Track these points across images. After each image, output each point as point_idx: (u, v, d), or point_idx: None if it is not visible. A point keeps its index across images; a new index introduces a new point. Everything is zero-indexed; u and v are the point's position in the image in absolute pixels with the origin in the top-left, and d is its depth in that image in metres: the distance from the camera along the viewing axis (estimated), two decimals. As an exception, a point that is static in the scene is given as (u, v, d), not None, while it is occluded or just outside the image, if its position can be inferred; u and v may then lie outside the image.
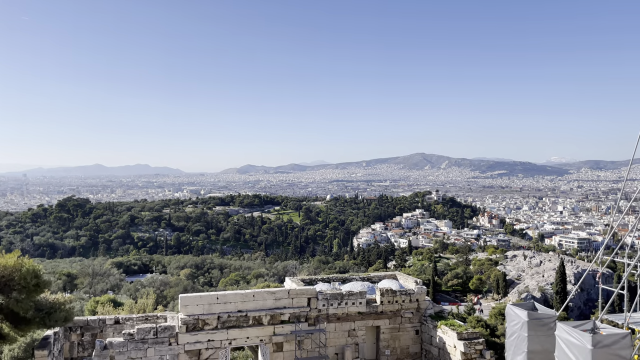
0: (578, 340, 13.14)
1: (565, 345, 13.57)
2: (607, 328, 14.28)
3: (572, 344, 13.31)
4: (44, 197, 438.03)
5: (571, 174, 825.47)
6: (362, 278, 36.64)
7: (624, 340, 13.28)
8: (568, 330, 13.61)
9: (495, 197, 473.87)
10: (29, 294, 22.31)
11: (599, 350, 12.89)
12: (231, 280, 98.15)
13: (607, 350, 12.65)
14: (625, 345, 13.28)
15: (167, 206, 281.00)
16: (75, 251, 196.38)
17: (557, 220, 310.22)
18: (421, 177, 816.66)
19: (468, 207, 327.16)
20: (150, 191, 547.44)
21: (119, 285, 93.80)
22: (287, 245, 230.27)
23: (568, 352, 13.42)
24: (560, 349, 13.81)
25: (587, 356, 12.90)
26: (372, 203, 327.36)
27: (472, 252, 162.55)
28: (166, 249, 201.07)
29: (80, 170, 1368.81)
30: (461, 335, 28.71)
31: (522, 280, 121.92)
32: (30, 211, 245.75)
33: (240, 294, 29.34)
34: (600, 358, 12.91)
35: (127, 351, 26.21)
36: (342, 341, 30.93)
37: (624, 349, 13.23)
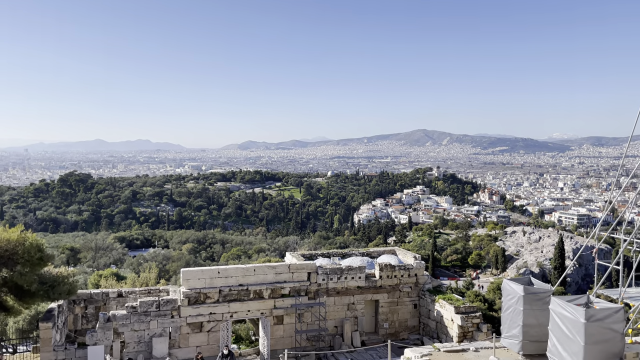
0: (572, 314, 13.38)
1: (559, 319, 13.82)
2: (600, 302, 14.52)
3: (565, 318, 13.56)
4: (45, 172, 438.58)
5: (573, 150, 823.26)
6: (361, 253, 37.01)
7: (617, 315, 13.52)
8: (562, 305, 13.85)
9: (496, 174, 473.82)
10: (33, 268, 22.63)
11: (592, 324, 13.13)
12: (233, 255, 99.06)
13: (600, 324, 12.90)
14: (618, 319, 13.53)
15: (168, 182, 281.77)
16: (77, 226, 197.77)
17: (558, 196, 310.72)
18: (422, 154, 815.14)
19: (469, 184, 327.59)
20: (152, 167, 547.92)
21: (121, 260, 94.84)
22: (288, 221, 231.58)
23: (562, 325, 13.67)
24: (554, 322, 14.07)
25: (580, 330, 13.16)
26: (373, 179, 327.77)
27: (471, 228, 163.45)
28: (168, 224, 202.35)
29: (81, 145, 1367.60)
30: (459, 309, 29.15)
31: (520, 256, 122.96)
32: (33, 186, 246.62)
33: (241, 268, 29.70)
34: (593, 332, 13.17)
35: (130, 323, 26.68)
36: (341, 314, 31.43)
37: (616, 323, 13.49)
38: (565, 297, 14.76)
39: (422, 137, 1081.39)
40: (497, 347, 18.29)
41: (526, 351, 17.32)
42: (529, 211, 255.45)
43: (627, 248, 17.70)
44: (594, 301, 14.47)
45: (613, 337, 13.36)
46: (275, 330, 29.63)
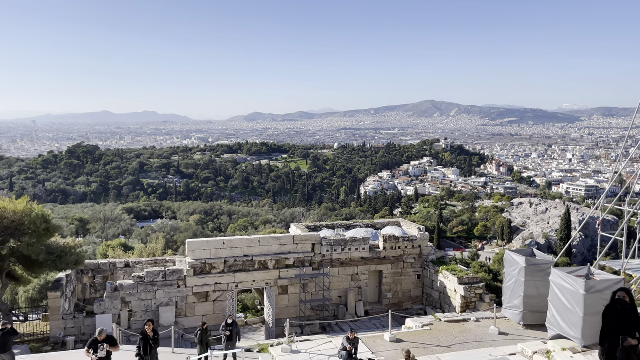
0: (571, 285, 13.40)
1: (559, 291, 13.85)
2: (601, 274, 14.51)
3: (565, 289, 13.59)
4: (53, 143, 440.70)
5: (582, 121, 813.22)
6: (366, 225, 37.16)
7: (617, 286, 13.50)
8: (562, 276, 13.86)
9: (505, 145, 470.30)
10: (40, 238, 22.97)
11: (592, 295, 13.16)
12: (240, 226, 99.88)
13: (599, 295, 12.91)
14: (618, 290, 13.55)
15: (175, 153, 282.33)
16: (86, 197, 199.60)
17: (566, 168, 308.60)
18: (430, 125, 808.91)
19: (476, 155, 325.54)
20: (159, 138, 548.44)
21: (130, 231, 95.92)
22: (295, 193, 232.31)
23: (561, 297, 13.72)
24: (554, 294, 14.12)
25: (580, 301, 13.21)
26: (380, 151, 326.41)
27: (478, 200, 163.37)
28: (176, 196, 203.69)
29: (88, 117, 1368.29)
30: (462, 280, 29.34)
31: (527, 227, 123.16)
32: (41, 157, 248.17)
33: (246, 239, 29.94)
34: (593, 303, 13.20)
35: (137, 293, 27.14)
36: (345, 285, 31.77)
37: (616, 294, 13.51)
38: (566, 268, 14.76)
39: (430, 108, 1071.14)
40: (498, 318, 18.46)
41: (527, 322, 17.48)
42: (537, 183, 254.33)
43: (632, 220, 17.59)
44: (595, 273, 14.47)
45: (612, 309, 13.39)
46: (280, 300, 30.04)
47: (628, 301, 10.04)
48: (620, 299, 10.06)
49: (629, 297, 10.04)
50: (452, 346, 15.90)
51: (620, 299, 10.08)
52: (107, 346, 13.27)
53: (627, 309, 9.93)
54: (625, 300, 10.03)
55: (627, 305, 10.00)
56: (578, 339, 13.56)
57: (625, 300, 10.03)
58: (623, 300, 10.04)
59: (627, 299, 10.05)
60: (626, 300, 10.05)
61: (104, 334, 13.38)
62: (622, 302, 10.01)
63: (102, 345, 13.23)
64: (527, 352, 14.05)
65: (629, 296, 10.06)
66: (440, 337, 16.74)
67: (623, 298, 10.07)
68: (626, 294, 10.11)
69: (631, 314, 9.90)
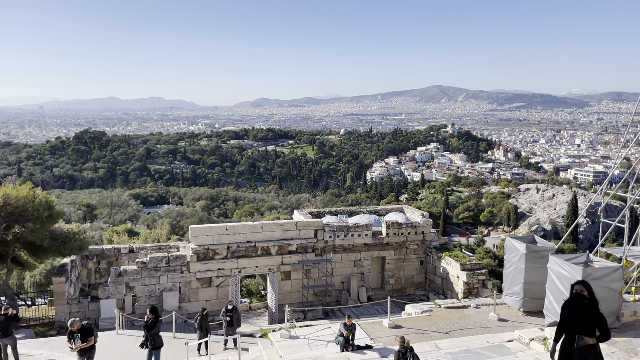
0: (569, 272, 13.33)
1: (557, 278, 13.80)
2: (600, 261, 14.44)
3: (563, 277, 13.53)
4: (61, 129, 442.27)
5: (592, 106, 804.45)
6: (369, 211, 37.13)
7: (616, 274, 13.45)
8: (560, 263, 13.79)
9: (513, 131, 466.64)
10: (43, 224, 23.16)
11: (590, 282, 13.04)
12: (245, 212, 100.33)
13: (597, 282, 12.82)
14: (617, 278, 13.48)
15: (182, 139, 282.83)
16: (94, 183, 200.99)
17: (574, 153, 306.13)
18: (438, 111, 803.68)
19: (484, 141, 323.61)
20: (166, 124, 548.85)
21: (137, 216, 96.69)
22: (301, 179, 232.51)
23: (559, 284, 13.67)
24: (552, 281, 14.07)
25: (577, 288, 13.10)
26: (387, 137, 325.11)
27: (485, 186, 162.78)
28: (182, 182, 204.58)
29: (95, 103, 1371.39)
30: (464, 267, 29.34)
31: (533, 213, 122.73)
32: (49, 143, 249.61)
33: (249, 225, 30.05)
34: (590, 290, 13.11)
35: (141, 278, 27.38)
36: (348, 271, 31.88)
37: (615, 282, 13.44)
38: (564, 256, 14.69)
39: (438, 93, 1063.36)
40: (498, 304, 18.46)
41: (527, 308, 17.47)
42: (545, 169, 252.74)
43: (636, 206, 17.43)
44: (594, 260, 14.39)
45: (610, 296, 13.34)
46: (283, 286, 30.22)
47: (586, 295, 9.09)
48: (578, 293, 9.16)
49: (587, 291, 9.11)
50: (451, 332, 15.94)
51: (577, 293, 9.17)
52: (77, 337, 12.83)
53: (585, 304, 9.03)
54: (582, 294, 9.10)
55: (585, 299, 9.06)
56: (575, 326, 13.50)
57: (582, 294, 9.10)
58: (580, 294, 9.12)
59: (584, 292, 9.11)
60: (584, 294, 9.10)
61: (76, 325, 12.96)
62: (580, 296, 9.11)
63: (76, 335, 12.88)
64: (524, 339, 14.06)
65: (588, 290, 9.13)
66: (439, 324, 16.78)
67: (580, 292, 9.14)
68: (584, 287, 9.20)
69: (590, 309, 9.01)
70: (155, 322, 14.01)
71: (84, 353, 13.07)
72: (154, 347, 13.93)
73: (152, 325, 13.87)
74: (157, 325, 14.02)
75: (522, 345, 13.73)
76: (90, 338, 13.07)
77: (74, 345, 12.91)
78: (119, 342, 18.92)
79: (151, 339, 13.85)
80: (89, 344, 12.96)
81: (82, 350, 12.99)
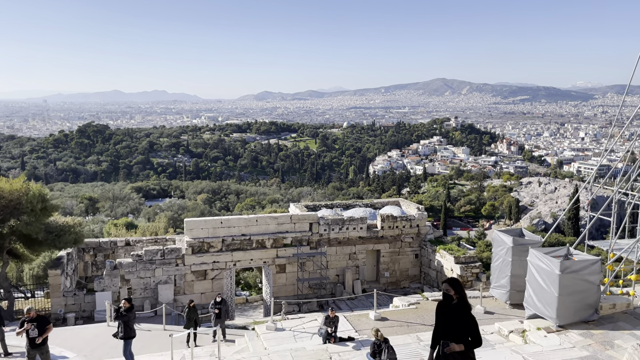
0: (547, 265, 13.44)
1: (536, 270, 13.92)
2: (580, 254, 14.52)
3: (541, 269, 13.64)
4: (65, 122, 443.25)
5: (596, 99, 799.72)
6: (365, 204, 37.25)
7: (593, 267, 13.55)
8: (539, 256, 13.89)
9: (516, 124, 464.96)
10: (37, 217, 23.37)
11: (567, 275, 13.19)
12: (247, 205, 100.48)
13: (574, 275, 12.94)
14: (595, 271, 13.57)
15: (185, 133, 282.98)
16: (97, 176, 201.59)
17: (578, 146, 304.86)
18: (441, 104, 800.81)
19: (487, 134, 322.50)
20: (169, 117, 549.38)
21: (138, 209, 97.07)
22: (304, 172, 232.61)
23: (538, 277, 13.79)
24: (531, 274, 14.19)
25: (555, 281, 13.25)
26: (389, 130, 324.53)
27: (487, 179, 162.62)
28: (185, 175, 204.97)
29: (98, 96, 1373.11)
30: (458, 259, 29.47)
31: (535, 207, 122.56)
32: (52, 137, 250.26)
33: (243, 218, 30.22)
34: (568, 283, 13.26)
35: (136, 271, 27.62)
36: (342, 264, 32.05)
37: (592, 275, 13.54)
38: (545, 249, 14.78)
39: (441, 86, 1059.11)
40: (486, 297, 18.60)
41: (513, 301, 17.61)
42: (548, 162, 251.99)
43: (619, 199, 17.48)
44: (574, 253, 14.48)
45: (588, 289, 13.46)
46: (277, 279, 30.43)
47: (453, 295, 7.81)
48: (444, 293, 7.95)
49: (454, 291, 7.79)
50: (436, 324, 16.07)
51: (444, 293, 7.97)
52: (30, 326, 12.47)
53: (454, 305, 7.81)
54: (448, 294, 7.85)
55: (452, 300, 7.84)
56: (553, 319, 13.67)
57: (448, 294, 7.85)
58: (446, 294, 7.89)
59: (451, 292, 7.82)
60: (450, 293, 7.83)
61: (32, 312, 12.60)
62: (446, 296, 7.90)
63: (31, 324, 12.53)
64: (503, 331, 14.20)
65: (455, 289, 7.79)
66: (425, 316, 16.93)
67: (446, 291, 7.88)
68: (450, 286, 7.84)
69: (459, 312, 7.79)
70: (128, 311, 14.12)
71: (40, 344, 12.65)
72: (123, 337, 13.97)
73: (123, 313, 14.00)
74: (129, 315, 14.12)
75: (501, 337, 13.87)
76: (48, 326, 12.75)
77: (30, 334, 12.46)
78: (110, 334, 19.14)
79: (122, 327, 13.97)
80: (48, 332, 12.64)
81: (34, 341, 12.50)
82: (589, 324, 13.42)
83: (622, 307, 14.39)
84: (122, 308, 14.18)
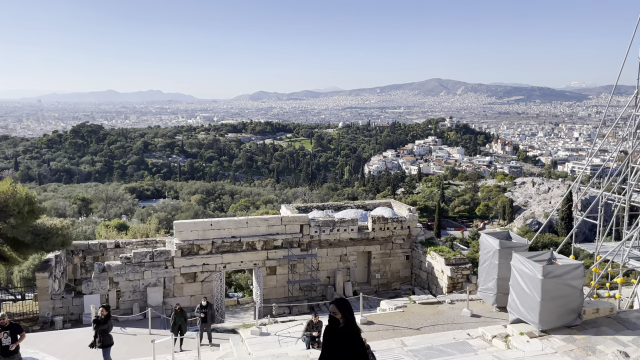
0: (530, 270, 13.44)
1: (519, 275, 13.91)
2: (563, 258, 14.52)
3: (524, 274, 13.63)
4: (59, 122, 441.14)
5: (590, 99, 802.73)
6: (356, 206, 37.23)
7: (576, 271, 13.55)
8: (522, 261, 13.88)
9: (511, 124, 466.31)
10: (24, 220, 23.20)
11: (549, 280, 13.19)
12: (241, 206, 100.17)
13: (557, 280, 12.94)
14: (577, 275, 13.57)
15: (179, 133, 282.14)
16: (91, 176, 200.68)
17: (572, 146, 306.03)
18: (436, 104, 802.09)
19: (482, 134, 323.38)
20: (164, 117, 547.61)
21: (132, 210, 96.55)
22: (299, 173, 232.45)
23: (521, 281, 13.78)
24: (514, 278, 14.18)
25: (537, 286, 13.24)
26: (385, 130, 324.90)
27: (481, 179, 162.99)
28: (179, 175, 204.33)
29: (93, 96, 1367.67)
30: (449, 261, 29.47)
31: (528, 207, 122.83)
32: (46, 137, 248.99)
33: (233, 220, 30.12)
34: (550, 288, 13.25)
35: (124, 273, 27.47)
36: (333, 265, 32.00)
37: (575, 279, 13.54)
38: (528, 252, 14.79)
39: (436, 86, 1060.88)
40: (473, 300, 18.58)
41: (500, 304, 17.60)
42: (542, 162, 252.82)
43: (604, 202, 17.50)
44: (557, 257, 14.48)
45: (571, 293, 13.45)
46: (268, 281, 30.34)
47: (339, 318, 6.98)
48: (330, 316, 7.13)
49: (341, 313, 6.98)
50: (422, 328, 16.05)
51: (330, 316, 7.15)
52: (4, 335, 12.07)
53: (341, 329, 6.97)
54: (335, 317, 7.04)
55: (338, 323, 7.00)
56: (535, 324, 13.66)
57: (335, 317, 7.04)
58: (333, 317, 7.06)
59: (337, 315, 7.00)
60: (337, 316, 7.01)
61: (5, 319, 12.28)
62: (332, 319, 7.07)
63: (4, 332, 12.21)
64: (487, 336, 14.17)
65: (341, 311, 6.98)
66: (411, 319, 16.90)
67: (333, 314, 7.06)
68: (337, 308, 7.04)
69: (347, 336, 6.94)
70: (106, 319, 14.02)
71: (12, 352, 12.36)
72: (102, 345, 13.86)
73: (101, 321, 13.90)
74: (107, 323, 14.01)
75: (484, 342, 13.85)
76: (22, 334, 12.52)
77: (4, 342, 12.15)
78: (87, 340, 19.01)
79: (100, 336, 13.88)
80: (21, 339, 12.43)
81: (8, 349, 12.14)
82: (572, 328, 13.42)
83: (606, 311, 14.41)
84: (99, 317, 14.06)
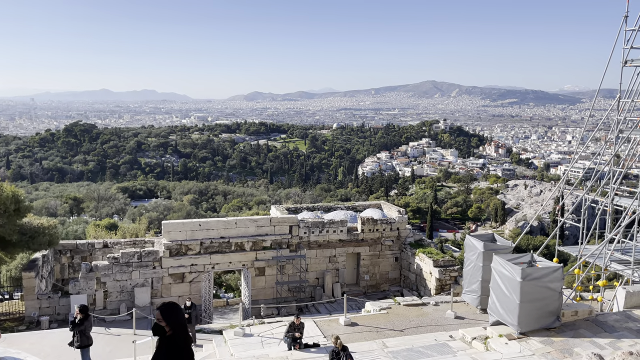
0: (509, 272, 13.55)
1: (499, 277, 14.02)
2: (543, 261, 14.65)
3: (504, 276, 13.74)
4: (52, 121, 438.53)
5: (584, 102, 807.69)
6: (347, 207, 37.30)
7: (555, 274, 13.67)
8: (502, 263, 14.00)
9: (504, 126, 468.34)
10: (10, 219, 23.07)
11: (528, 282, 13.31)
12: (233, 207, 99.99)
13: (536, 282, 13.05)
14: (556, 278, 13.70)
15: (173, 133, 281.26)
16: (83, 176, 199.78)
17: (565, 149, 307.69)
18: (431, 106, 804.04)
19: (475, 137, 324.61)
20: (158, 117, 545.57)
21: (123, 210, 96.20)
22: (293, 173, 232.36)
23: (501, 283, 13.89)
24: (494, 280, 14.29)
25: (516, 288, 13.36)
26: (379, 132, 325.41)
27: (474, 181, 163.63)
28: (173, 175, 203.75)
29: (87, 95, 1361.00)
30: (437, 263, 29.61)
31: (520, 209, 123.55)
32: (38, 135, 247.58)
33: (222, 221, 30.12)
34: (529, 290, 13.37)
35: (112, 273, 27.39)
36: (322, 267, 32.04)
37: (554, 282, 13.66)
38: (508, 255, 14.90)
39: (431, 88, 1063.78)
40: (458, 302, 18.68)
41: (484, 305, 17.69)
42: (535, 164, 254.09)
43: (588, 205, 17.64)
44: (537, 260, 14.60)
45: (550, 296, 13.57)
46: (256, 281, 30.34)
47: (165, 327, 6.03)
48: (155, 324, 6.22)
49: (166, 321, 6.01)
50: (405, 330, 16.12)
51: (155, 323, 6.22)
52: None
53: (168, 338, 6.00)
54: (159, 324, 6.11)
55: (164, 332, 6.02)
56: (514, 326, 13.77)
57: (159, 324, 6.11)
58: (157, 324, 6.15)
59: (162, 322, 6.06)
60: (161, 324, 6.08)
61: None
62: (157, 327, 6.14)
63: None
64: (467, 338, 14.27)
65: (166, 319, 6.01)
66: (395, 321, 16.97)
67: (158, 321, 6.14)
68: (161, 315, 6.07)
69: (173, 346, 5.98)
70: (82, 320, 14.02)
71: None
72: (80, 346, 13.90)
73: (78, 323, 13.90)
74: (84, 324, 14.02)
75: (464, 344, 13.94)
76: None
77: None
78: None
79: (77, 336, 13.88)
80: None
81: None
82: (551, 331, 13.53)
83: (584, 314, 14.55)
84: (76, 318, 14.07)
